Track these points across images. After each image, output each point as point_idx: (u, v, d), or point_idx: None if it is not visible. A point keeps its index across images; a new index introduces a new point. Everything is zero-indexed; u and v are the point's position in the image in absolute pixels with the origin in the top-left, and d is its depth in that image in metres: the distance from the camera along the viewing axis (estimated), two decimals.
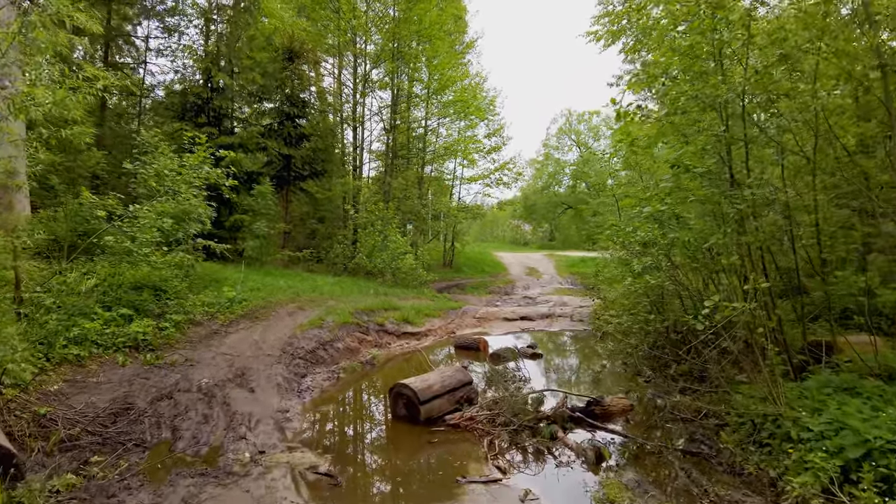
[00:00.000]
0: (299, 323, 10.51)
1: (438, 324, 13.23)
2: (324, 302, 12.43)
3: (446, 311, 14.30)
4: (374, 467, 6.00)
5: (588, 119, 66.42)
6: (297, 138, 17.00)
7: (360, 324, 11.22)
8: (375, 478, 5.71)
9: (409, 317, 12.48)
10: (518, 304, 18.06)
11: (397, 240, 16.99)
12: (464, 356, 10.93)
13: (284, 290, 12.67)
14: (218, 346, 9.09)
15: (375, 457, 6.28)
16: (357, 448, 6.61)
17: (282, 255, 16.20)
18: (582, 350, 11.81)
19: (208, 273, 12.63)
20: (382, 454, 6.32)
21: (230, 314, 10.54)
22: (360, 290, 14.77)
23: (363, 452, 6.48)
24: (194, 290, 11.25)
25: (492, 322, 14.32)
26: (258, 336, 9.70)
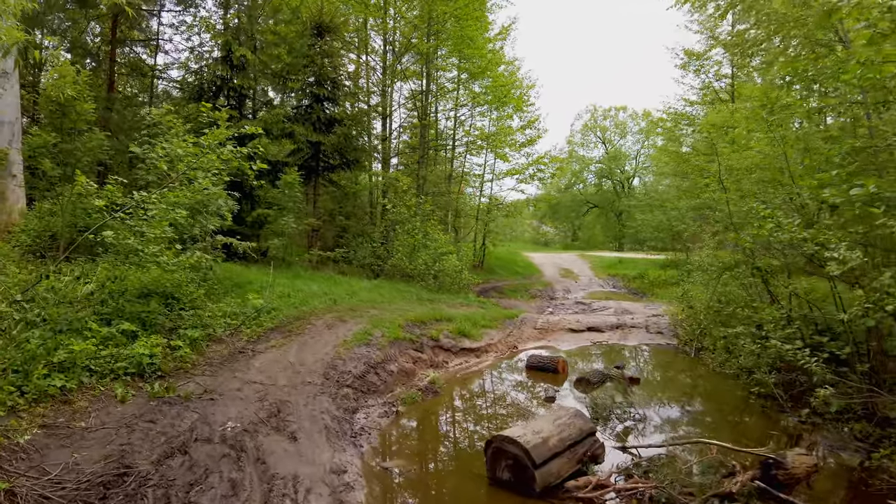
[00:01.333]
0: (342, 339, 8.55)
1: (497, 337, 11.21)
2: (365, 311, 10.46)
3: (502, 320, 12.28)
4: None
5: (614, 115, 64.12)
6: (327, 123, 15.09)
7: (412, 339, 9.24)
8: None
9: (465, 329, 10.48)
10: (575, 311, 15.98)
11: (439, 238, 15.00)
12: (539, 379, 8.91)
13: (319, 297, 10.73)
14: (245, 370, 7.15)
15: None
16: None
17: (310, 255, 14.29)
18: (680, 371, 9.71)
19: (229, 276, 10.74)
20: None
21: (257, 328, 8.61)
22: (401, 295, 12.80)
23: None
24: (213, 298, 9.36)
25: (556, 334, 12.28)
26: (293, 356, 7.75)
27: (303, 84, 14.70)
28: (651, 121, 60.49)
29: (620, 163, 62.21)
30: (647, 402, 7.75)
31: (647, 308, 15.55)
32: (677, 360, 10.31)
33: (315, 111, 14.78)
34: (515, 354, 10.70)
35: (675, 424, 6.86)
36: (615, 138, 64.40)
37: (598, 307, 16.31)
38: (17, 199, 12.08)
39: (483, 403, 7.66)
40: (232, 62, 13.77)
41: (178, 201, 9.12)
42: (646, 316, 13.62)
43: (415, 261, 14.20)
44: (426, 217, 15.47)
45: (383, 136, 18.65)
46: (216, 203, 9.88)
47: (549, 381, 8.82)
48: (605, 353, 11.07)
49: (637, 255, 36.99)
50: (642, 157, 63.10)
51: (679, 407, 7.50)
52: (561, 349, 11.22)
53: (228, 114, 10.92)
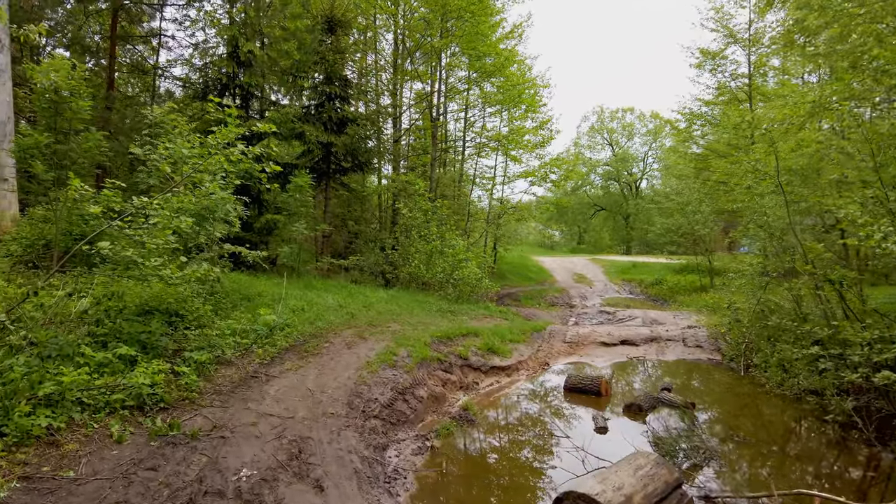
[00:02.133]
0: (364, 360, 7.70)
1: (527, 352, 10.35)
2: (385, 326, 9.62)
3: (529, 333, 11.42)
4: None
5: (622, 117, 63.39)
6: (339, 123, 14.26)
7: (440, 358, 8.39)
8: None
9: (493, 345, 9.63)
10: (600, 321, 15.12)
11: (457, 244, 14.15)
12: (580, 402, 8.06)
13: (335, 311, 9.89)
14: (259, 399, 6.30)
15: None
16: None
17: (321, 263, 13.44)
18: (735, 393, 8.83)
19: (237, 287, 9.91)
20: None
21: (271, 347, 7.76)
22: (420, 307, 11.95)
23: None
24: (221, 313, 8.53)
25: (587, 348, 11.41)
26: (312, 382, 6.89)
27: (313, 82, 13.86)
28: (660, 123, 59.86)
29: (628, 165, 61.40)
30: (711, 431, 6.88)
31: (677, 318, 14.68)
32: (727, 379, 9.43)
33: (326, 110, 13.95)
34: (548, 372, 9.85)
35: (754, 462, 5.99)
36: (622, 140, 63.67)
37: (623, 316, 15.44)
38: (9, 205, 11.25)
39: (527, 435, 6.80)
40: (238, 58, 12.96)
41: (182, 207, 8.30)
42: (679, 327, 12.74)
43: (432, 269, 13.35)
44: (442, 222, 14.63)
45: (395, 135, 17.80)
46: (224, 209, 9.05)
47: (591, 404, 7.96)
48: (644, 371, 10.21)
49: (650, 259, 36.15)
50: (650, 159, 62.37)
51: (749, 438, 6.63)
52: (595, 365, 10.37)
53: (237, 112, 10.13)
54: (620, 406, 7.84)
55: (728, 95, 27.63)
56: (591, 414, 7.45)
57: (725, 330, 11.14)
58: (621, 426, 7.01)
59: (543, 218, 64.18)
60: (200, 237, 9.12)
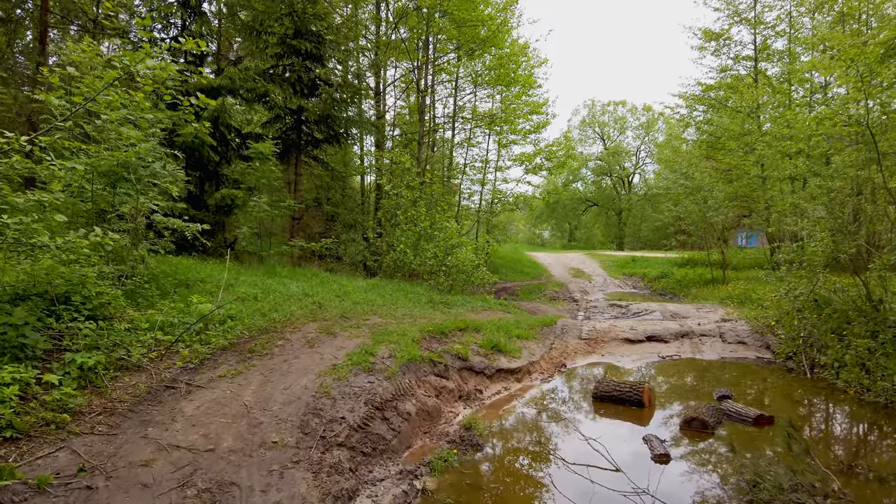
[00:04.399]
0: (330, 362, 5.67)
1: (538, 351, 8.39)
2: (363, 319, 7.59)
3: (538, 329, 9.46)
4: None
5: (613, 110, 61.98)
6: (311, 86, 12.17)
7: (434, 360, 6.38)
8: None
9: (498, 342, 7.65)
10: (614, 315, 13.21)
11: (449, 227, 12.14)
12: (616, 415, 6.12)
13: (298, 300, 7.84)
14: (166, 422, 4.25)
15: None
16: None
17: (290, 247, 11.32)
18: (811, 402, 6.92)
19: (174, 272, 7.81)
20: None
21: (201, 346, 5.70)
22: (407, 297, 9.93)
23: None
24: (143, 302, 6.44)
25: (608, 345, 9.49)
26: (252, 394, 4.85)
27: (281, 37, 11.78)
28: (653, 116, 58.54)
29: (620, 159, 59.93)
30: (809, 459, 4.96)
31: (701, 311, 12.82)
32: (790, 383, 7.54)
33: (296, 67, 11.83)
34: (565, 375, 7.90)
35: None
36: (614, 134, 62.29)
37: (638, 310, 13.55)
38: None
39: (558, 468, 4.82)
40: (189, 4, 10.84)
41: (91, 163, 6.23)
42: (711, 321, 10.87)
43: (421, 254, 11.33)
44: (432, 203, 12.63)
45: (378, 110, 15.69)
46: (152, 168, 6.96)
47: (632, 418, 6.03)
48: (684, 373, 8.30)
49: (649, 254, 34.61)
50: (643, 153, 61.04)
51: (875, 471, 4.71)
52: (621, 366, 8.45)
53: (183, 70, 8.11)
54: (671, 420, 5.92)
55: (732, 79, 26.24)
56: (638, 433, 5.51)
57: (774, 323, 9.28)
58: (686, 451, 5.07)
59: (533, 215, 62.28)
60: (126, 205, 7.08)
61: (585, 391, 7.07)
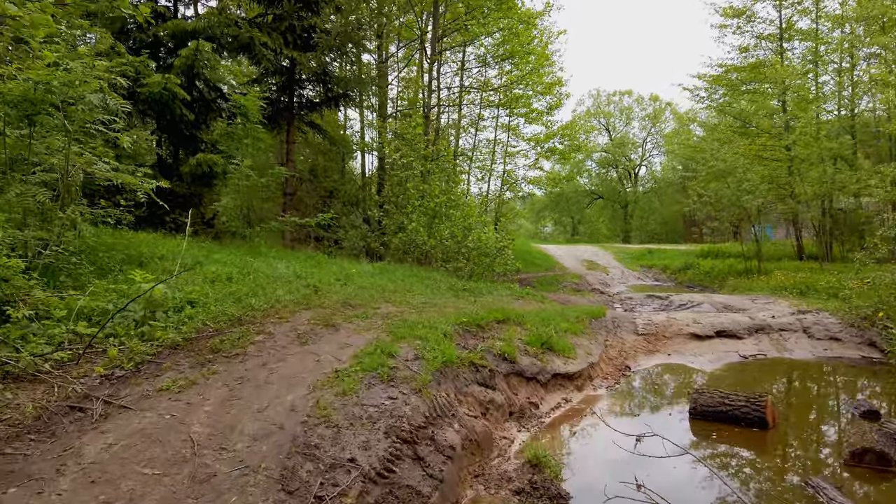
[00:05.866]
0: (331, 366, 3.85)
1: (595, 350, 6.59)
2: (373, 308, 5.76)
3: (586, 321, 7.65)
4: None
5: (619, 100, 60.09)
6: (305, 37, 10.30)
7: (475, 362, 4.56)
8: None
9: (548, 338, 5.84)
10: (656, 308, 11.43)
11: (468, 204, 10.31)
12: (730, 441, 4.33)
13: (288, 283, 6.02)
14: (46, 478, 2.42)
15: None
16: None
17: (281, 223, 9.43)
18: None
19: (122, 245, 5.97)
20: None
21: (142, 343, 3.86)
22: (423, 283, 8.13)
23: None
24: (67, 280, 4.61)
25: (672, 342, 7.70)
26: (206, 421, 3.02)
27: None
28: (660, 106, 56.81)
29: (626, 150, 58.14)
30: None
31: (757, 302, 11.05)
32: None
33: (287, 14, 9.92)
34: (635, 380, 6.11)
35: None
36: (620, 125, 60.45)
37: (683, 301, 11.75)
38: None
39: None
40: None
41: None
42: (787, 314, 9.09)
43: (436, 233, 9.48)
44: (449, 176, 10.79)
45: (380, 67, 13.64)
46: (87, 101, 5.12)
47: (756, 445, 4.25)
48: (782, 377, 6.52)
49: (666, 246, 32.96)
50: (649, 144, 59.29)
51: None
52: (698, 368, 6.67)
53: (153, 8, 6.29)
54: (820, 450, 4.13)
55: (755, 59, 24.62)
56: (774, 469, 3.72)
57: (882, 315, 7.49)
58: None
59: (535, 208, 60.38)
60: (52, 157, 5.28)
61: (670, 403, 5.29)
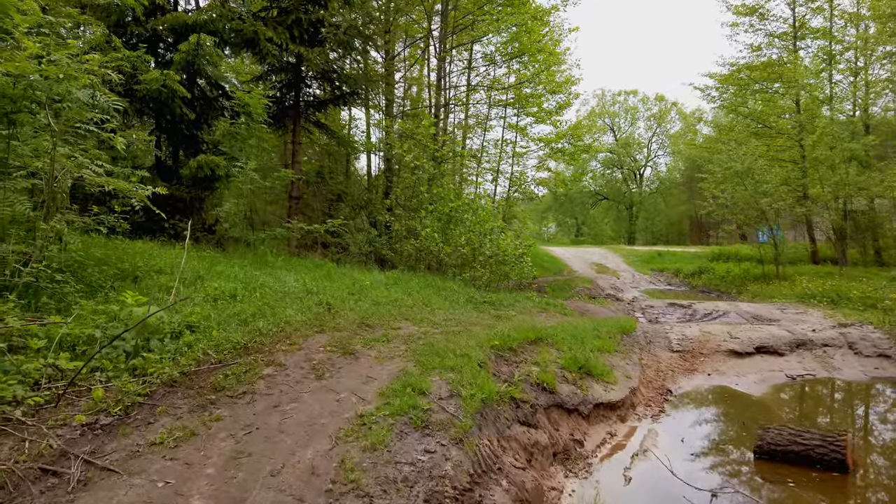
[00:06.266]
0: (354, 410, 3.27)
1: (632, 371, 6.02)
2: (392, 328, 5.20)
3: (617, 336, 7.08)
4: None
5: (624, 100, 59.52)
6: (312, 31, 9.73)
7: (513, 396, 3.99)
8: None
9: (584, 360, 5.28)
10: (683, 318, 10.87)
11: (484, 208, 9.74)
12: (806, 487, 3.76)
13: (297, 301, 5.45)
14: None
15: None
16: None
17: (288, 230, 8.86)
18: None
19: (115, 258, 5.41)
20: None
21: (133, 380, 3.29)
22: (439, 295, 7.56)
23: None
24: (49, 302, 4.05)
25: (710, 359, 7.13)
26: (206, 491, 2.45)
27: None
28: (666, 106, 56.25)
29: (631, 151, 57.58)
30: None
31: (786, 312, 10.50)
32: None
33: (294, 7, 9.34)
34: (679, 406, 5.54)
35: None
36: (625, 125, 59.90)
37: (707, 311, 11.18)
38: None
39: None
40: None
41: None
42: (827, 327, 8.52)
43: (452, 240, 8.91)
44: (460, 177, 10.22)
45: (387, 66, 13.03)
46: (72, 97, 4.58)
47: (834, 492, 3.68)
48: (838, 402, 5.95)
49: (675, 248, 32.41)
50: (655, 144, 58.74)
51: None
52: (744, 391, 6.11)
53: None
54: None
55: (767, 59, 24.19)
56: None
57: None
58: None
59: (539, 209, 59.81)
60: (36, 160, 4.75)
61: (728, 438, 4.72)
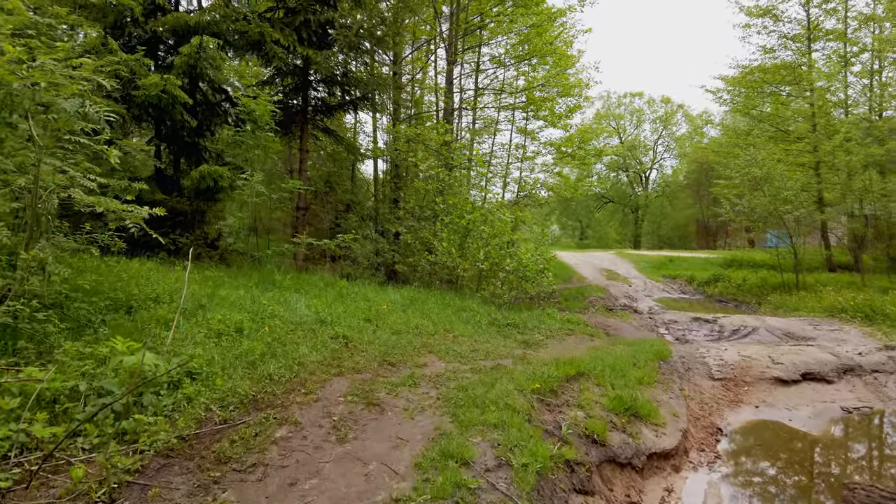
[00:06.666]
0: (388, 490, 2.70)
1: (677, 407, 5.46)
2: (418, 365, 4.64)
3: (654, 364, 6.51)
4: None
5: (629, 102, 58.93)
6: (321, 33, 9.19)
7: (568, 458, 3.42)
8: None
9: (630, 400, 4.73)
10: (710, 335, 10.29)
11: (502, 219, 9.18)
12: None
13: (311, 332, 4.89)
14: None
15: None
16: None
17: (295, 246, 8.32)
18: None
19: (107, 286, 4.85)
20: None
21: (122, 450, 2.73)
22: (460, 317, 7.01)
23: None
24: (29, 346, 3.49)
25: (754, 388, 6.56)
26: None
27: None
28: (672, 108, 55.69)
29: (637, 153, 57.01)
30: None
31: (820, 328, 9.95)
32: None
33: (302, 7, 8.79)
34: (737, 451, 4.98)
35: None
36: (630, 127, 59.32)
37: (735, 327, 10.59)
38: None
39: None
40: None
41: None
42: (871, 348, 7.95)
43: (469, 254, 8.34)
44: (477, 186, 9.67)
45: (395, 69, 12.41)
46: (57, 110, 4.05)
47: None
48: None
49: (685, 253, 31.82)
50: (660, 147, 58.17)
51: None
52: (798, 428, 5.54)
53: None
54: None
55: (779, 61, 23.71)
56: None
57: None
58: None
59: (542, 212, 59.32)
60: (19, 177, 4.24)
61: (802, 494, 4.16)
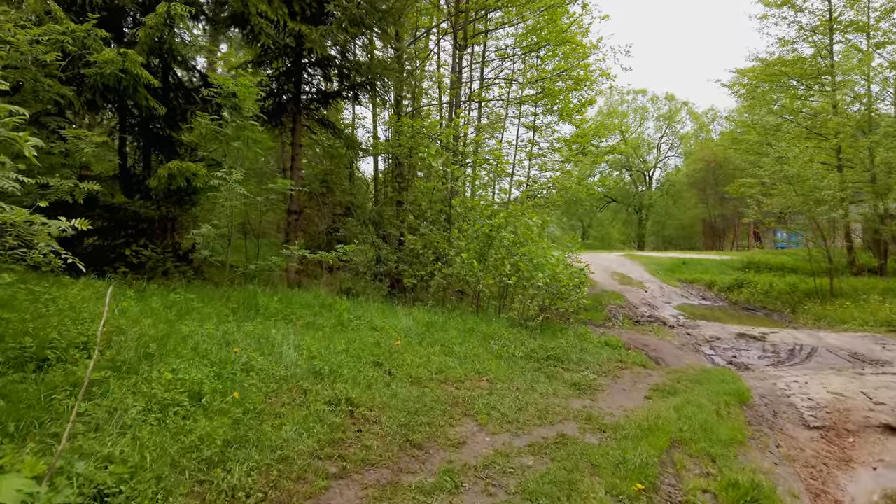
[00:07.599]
0: None
1: (789, 479, 4.12)
2: (454, 449, 3.26)
3: (737, 411, 5.18)
4: None
5: (632, 99, 57.65)
6: (316, 6, 7.78)
7: None
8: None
9: (747, 485, 3.36)
10: (768, 359, 8.96)
11: (528, 223, 7.82)
12: None
13: (298, 394, 3.48)
14: None
15: None
16: None
17: (287, 255, 6.91)
18: None
19: (17, 325, 3.44)
20: None
21: None
22: (488, 349, 5.64)
23: None
24: None
25: (860, 439, 5.23)
26: None
27: None
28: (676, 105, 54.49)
29: (641, 152, 55.79)
30: None
31: (890, 348, 8.65)
32: None
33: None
34: None
35: None
36: (634, 125, 58.07)
37: (790, 347, 9.27)
38: None
39: None
40: None
41: None
42: None
43: (494, 269, 6.96)
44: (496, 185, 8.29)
45: (398, 56, 10.96)
46: None
47: None
48: None
49: (697, 255, 30.53)
50: (664, 146, 56.98)
51: None
52: None
53: None
54: None
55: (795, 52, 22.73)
56: None
57: None
58: None
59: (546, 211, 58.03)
60: None
61: None
